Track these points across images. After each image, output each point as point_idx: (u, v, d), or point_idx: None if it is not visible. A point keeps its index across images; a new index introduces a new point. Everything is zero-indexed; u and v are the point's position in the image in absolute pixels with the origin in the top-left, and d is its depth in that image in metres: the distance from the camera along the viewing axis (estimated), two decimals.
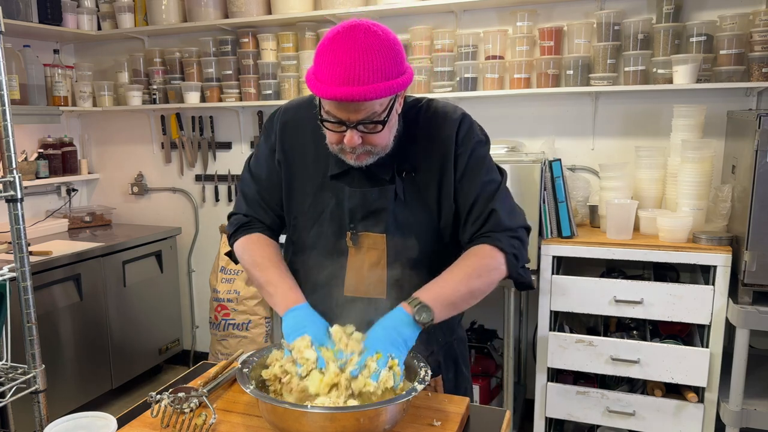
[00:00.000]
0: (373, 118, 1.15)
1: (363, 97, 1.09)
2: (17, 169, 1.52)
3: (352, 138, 1.16)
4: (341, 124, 1.16)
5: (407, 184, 1.31)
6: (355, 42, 1.09)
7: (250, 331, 3.18)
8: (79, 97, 3.49)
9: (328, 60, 1.11)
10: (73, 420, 1.09)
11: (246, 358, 1.20)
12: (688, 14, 2.60)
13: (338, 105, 1.13)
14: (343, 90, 1.09)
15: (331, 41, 1.11)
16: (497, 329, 2.98)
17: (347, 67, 1.08)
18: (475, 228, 1.30)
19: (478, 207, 1.29)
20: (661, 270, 2.58)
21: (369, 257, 1.32)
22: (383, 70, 1.10)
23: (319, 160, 1.33)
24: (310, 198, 1.35)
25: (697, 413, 2.32)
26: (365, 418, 1.03)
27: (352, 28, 1.11)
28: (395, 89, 1.13)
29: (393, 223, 1.30)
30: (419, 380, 1.11)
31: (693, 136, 2.47)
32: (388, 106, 1.16)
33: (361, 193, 1.30)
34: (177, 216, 3.77)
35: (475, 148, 1.31)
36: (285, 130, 1.38)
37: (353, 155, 1.22)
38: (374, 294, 1.33)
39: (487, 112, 2.95)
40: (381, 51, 1.10)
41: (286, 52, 3.15)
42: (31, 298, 1.54)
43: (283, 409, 1.04)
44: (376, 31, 1.11)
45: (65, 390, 2.93)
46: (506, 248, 1.28)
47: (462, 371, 1.49)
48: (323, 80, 1.11)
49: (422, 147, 1.30)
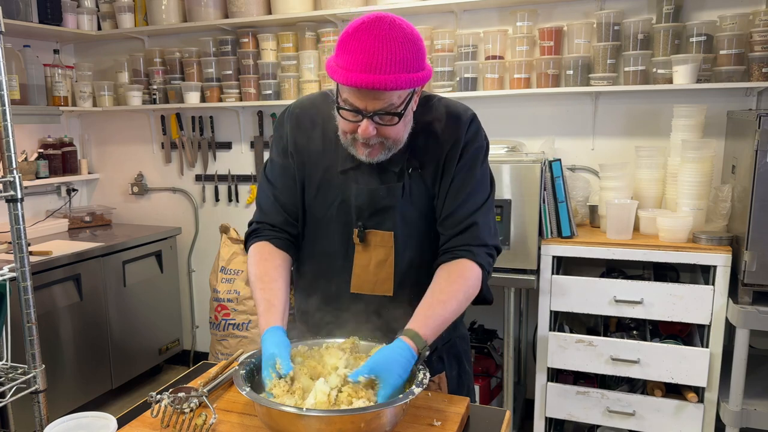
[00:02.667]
0: (390, 110, 1.15)
1: (384, 86, 1.09)
2: (17, 169, 1.52)
3: (367, 128, 1.16)
4: (358, 113, 1.15)
5: (414, 181, 1.30)
6: (380, 32, 1.09)
7: (250, 331, 3.18)
8: (79, 97, 3.49)
9: (351, 47, 1.11)
10: (73, 420, 1.09)
11: (244, 359, 1.20)
12: (688, 14, 2.60)
13: (357, 93, 1.13)
14: (365, 77, 1.09)
15: (356, 30, 1.11)
16: (497, 329, 2.98)
17: (370, 55, 1.09)
18: (454, 232, 1.30)
19: (461, 214, 1.29)
20: (661, 270, 2.58)
21: (376, 255, 1.32)
22: (405, 62, 1.10)
23: (329, 155, 1.32)
24: (318, 192, 1.34)
25: (697, 413, 2.32)
26: (363, 421, 1.02)
27: (378, 19, 1.11)
28: (415, 83, 1.13)
29: (401, 220, 1.30)
30: (417, 383, 1.11)
31: (693, 136, 2.47)
32: (405, 100, 1.16)
33: (368, 191, 1.29)
34: (177, 216, 3.77)
35: (475, 153, 1.31)
36: (296, 125, 1.36)
37: (365, 150, 1.21)
38: (380, 291, 1.33)
39: (487, 112, 2.95)
40: (404, 44, 1.11)
41: (286, 52, 3.15)
42: (31, 298, 1.54)
43: (279, 413, 1.02)
44: (401, 25, 1.12)
45: (65, 390, 2.93)
46: (484, 264, 1.28)
47: (465, 368, 1.49)
48: (345, 67, 1.11)
49: (430, 143, 1.30)
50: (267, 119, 3.40)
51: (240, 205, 3.60)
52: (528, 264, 2.43)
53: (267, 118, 3.40)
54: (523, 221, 2.40)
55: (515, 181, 2.39)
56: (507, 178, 2.39)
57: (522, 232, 2.41)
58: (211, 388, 1.26)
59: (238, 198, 3.60)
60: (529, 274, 2.43)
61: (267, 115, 3.40)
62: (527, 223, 2.40)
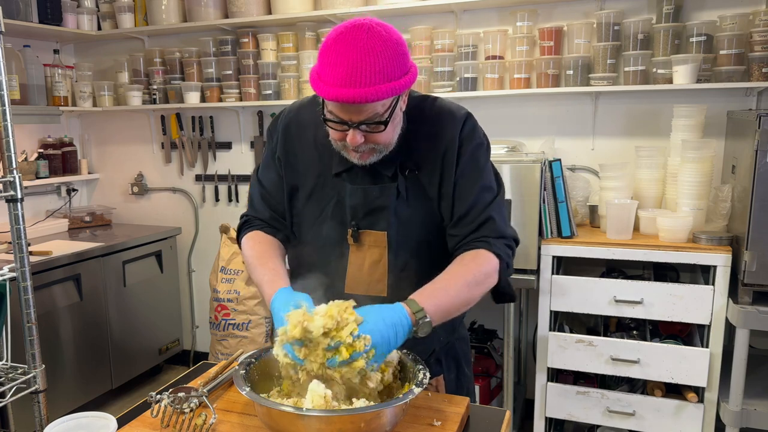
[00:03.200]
0: (375, 119, 1.15)
1: (364, 99, 1.09)
2: (17, 169, 1.52)
3: (355, 138, 1.16)
4: (344, 123, 1.16)
5: (410, 182, 1.30)
6: (357, 42, 1.09)
7: (250, 331, 3.18)
8: (79, 97, 3.49)
9: (331, 60, 1.10)
10: (73, 420, 1.09)
11: (244, 359, 1.20)
12: (688, 14, 2.60)
13: (340, 106, 1.13)
14: (345, 92, 1.08)
15: (335, 41, 1.11)
16: (497, 329, 2.98)
17: (349, 69, 1.08)
18: (469, 230, 1.28)
19: (475, 211, 1.28)
20: (661, 270, 2.58)
21: (370, 255, 1.32)
22: (385, 72, 1.10)
23: (322, 159, 1.33)
24: (311, 196, 1.35)
25: (697, 413, 2.32)
26: (363, 421, 1.01)
27: (355, 28, 1.10)
28: (397, 90, 1.12)
29: (395, 221, 1.30)
30: (417, 383, 1.11)
31: (693, 136, 2.47)
32: (390, 107, 1.16)
33: (362, 191, 1.30)
34: (177, 216, 3.77)
35: (475, 150, 1.30)
36: (287, 130, 1.39)
37: (357, 154, 1.22)
38: (374, 292, 1.33)
39: (487, 112, 2.95)
40: (383, 52, 1.10)
41: (286, 52, 3.15)
42: (31, 298, 1.54)
43: (279, 413, 1.02)
44: (380, 32, 1.11)
45: (65, 390, 2.93)
46: (502, 254, 1.27)
47: (464, 371, 1.49)
48: (326, 81, 1.11)
49: (426, 144, 1.30)
50: (267, 119, 3.41)
51: (240, 205, 3.60)
52: (528, 264, 2.43)
53: (267, 118, 3.40)
54: (523, 221, 2.40)
55: (515, 181, 2.39)
56: (507, 178, 2.39)
57: (522, 232, 2.40)
58: (211, 388, 1.26)
59: (238, 198, 3.60)
60: (529, 274, 2.43)
61: (267, 115, 3.40)
62: (527, 223, 2.40)
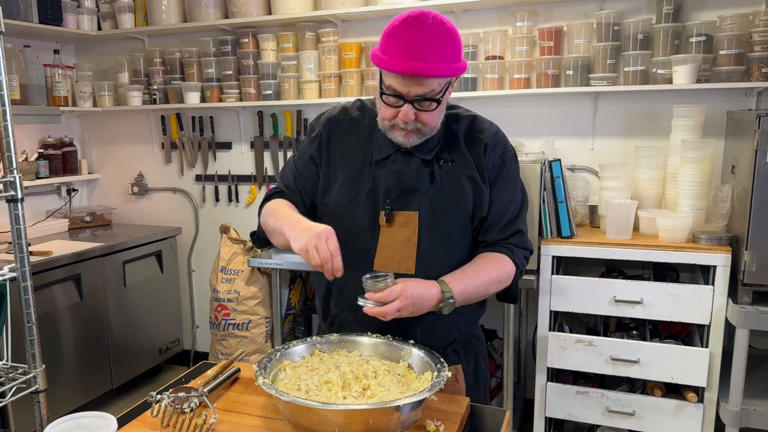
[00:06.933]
0: (431, 96, 1.26)
1: (427, 73, 1.21)
2: (17, 169, 1.52)
3: (408, 113, 1.27)
4: (399, 98, 1.26)
5: (444, 172, 1.39)
6: (424, 24, 1.22)
7: (250, 331, 3.18)
8: (79, 97, 3.49)
9: (398, 39, 1.22)
10: (73, 420, 1.09)
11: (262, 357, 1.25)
12: (687, 14, 2.60)
13: (402, 79, 1.24)
14: (410, 64, 1.20)
15: (402, 23, 1.23)
16: (497, 329, 2.98)
17: (415, 46, 1.20)
18: (500, 237, 1.44)
19: (505, 220, 1.44)
20: (661, 270, 2.58)
21: (401, 234, 1.39)
22: (446, 54, 1.23)
23: (361, 151, 1.43)
24: (347, 184, 1.43)
25: (697, 413, 2.32)
26: (381, 414, 1.05)
27: (422, 14, 1.23)
28: (455, 72, 1.26)
29: (427, 203, 1.38)
30: (436, 379, 1.15)
31: (693, 136, 2.47)
32: (444, 88, 1.27)
33: (397, 173, 1.39)
34: (177, 216, 3.77)
35: (512, 163, 1.45)
36: (331, 125, 1.48)
37: (402, 132, 1.31)
38: (402, 269, 1.38)
39: (487, 112, 2.88)
40: (446, 36, 1.23)
41: (286, 53, 3.15)
42: (31, 298, 1.54)
43: (304, 407, 1.05)
44: (443, 20, 1.25)
45: (65, 390, 2.93)
46: (520, 264, 1.45)
47: (482, 366, 1.56)
48: (392, 55, 1.22)
49: (461, 145, 1.41)
50: (267, 119, 3.41)
51: (240, 205, 3.60)
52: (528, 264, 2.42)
53: (267, 118, 3.40)
54: None
55: None
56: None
57: None
58: (211, 388, 1.26)
59: (239, 198, 3.60)
60: (528, 274, 2.43)
61: (267, 115, 3.40)
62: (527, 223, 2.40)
